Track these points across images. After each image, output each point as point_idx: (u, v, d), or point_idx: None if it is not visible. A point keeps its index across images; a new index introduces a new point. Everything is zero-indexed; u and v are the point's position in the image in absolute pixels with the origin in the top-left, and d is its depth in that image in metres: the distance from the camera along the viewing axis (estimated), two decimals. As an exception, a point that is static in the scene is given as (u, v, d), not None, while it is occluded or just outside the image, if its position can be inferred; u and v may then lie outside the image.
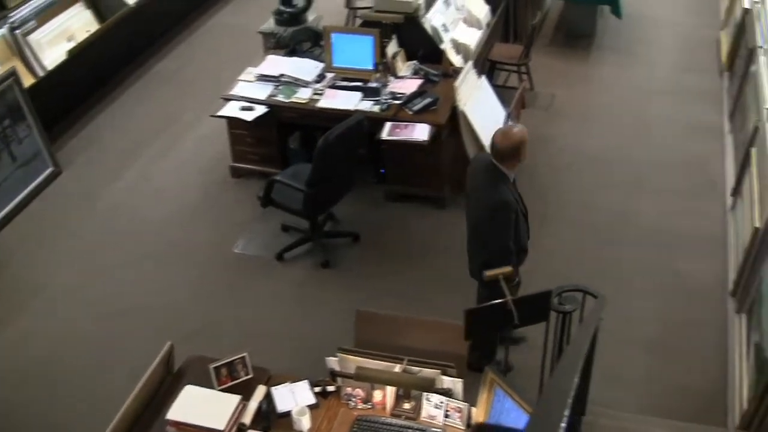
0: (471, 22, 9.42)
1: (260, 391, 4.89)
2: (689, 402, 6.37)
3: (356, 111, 7.61)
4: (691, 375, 6.54)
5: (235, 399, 4.82)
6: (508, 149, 5.57)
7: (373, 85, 8.09)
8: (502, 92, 8.74)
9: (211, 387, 4.93)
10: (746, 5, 9.75)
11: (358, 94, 7.98)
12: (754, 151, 7.51)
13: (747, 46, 9.21)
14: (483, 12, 9.63)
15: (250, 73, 8.43)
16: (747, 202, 7.30)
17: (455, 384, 4.81)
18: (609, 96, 10.43)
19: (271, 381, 5.02)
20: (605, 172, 8.93)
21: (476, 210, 5.86)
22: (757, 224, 6.60)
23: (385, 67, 8.19)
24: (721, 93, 10.39)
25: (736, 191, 8.05)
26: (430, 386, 4.76)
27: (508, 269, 5.34)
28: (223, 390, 4.93)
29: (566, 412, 2.21)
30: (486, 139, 7.90)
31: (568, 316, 5.21)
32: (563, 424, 2.10)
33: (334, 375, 4.99)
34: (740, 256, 7.07)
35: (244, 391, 4.89)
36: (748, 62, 8.95)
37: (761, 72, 7.96)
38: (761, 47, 8.31)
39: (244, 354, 5.04)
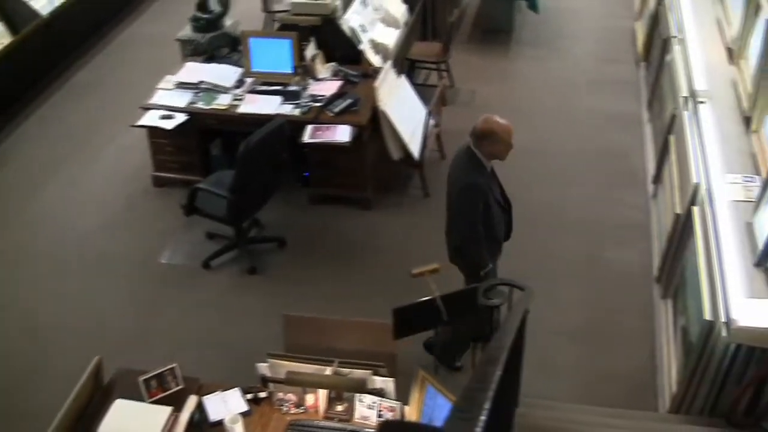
0: (389, 21, 9.43)
1: (191, 402, 4.83)
2: (620, 388, 6.44)
3: (277, 115, 7.56)
4: (620, 361, 6.62)
5: (166, 411, 4.77)
6: (481, 131, 5.71)
7: (293, 88, 8.06)
8: (422, 90, 8.76)
9: (141, 400, 4.86)
10: (661, -4, 9.90)
11: (278, 98, 7.94)
12: (672, 138, 7.62)
13: (661, 36, 9.34)
14: (401, 11, 9.65)
15: (169, 81, 8.35)
16: (667, 189, 7.41)
17: (387, 383, 4.81)
18: (529, 90, 10.52)
19: (202, 390, 4.97)
20: (529, 165, 8.98)
21: (450, 194, 6.03)
22: (678, 210, 6.70)
23: (304, 70, 8.17)
24: (639, 83, 10.55)
25: (657, 179, 8.17)
26: (362, 387, 4.76)
27: (434, 266, 5.35)
28: (153, 402, 4.87)
29: (487, 405, 2.21)
30: (408, 138, 7.93)
31: (496, 310, 5.24)
32: (483, 417, 2.10)
33: (265, 381, 4.96)
34: (663, 242, 7.17)
35: (176, 402, 4.83)
36: (663, 52, 9.08)
37: (676, 61, 8.08)
38: (675, 37, 8.44)
39: (174, 365, 4.98)
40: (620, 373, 6.57)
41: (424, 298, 5.22)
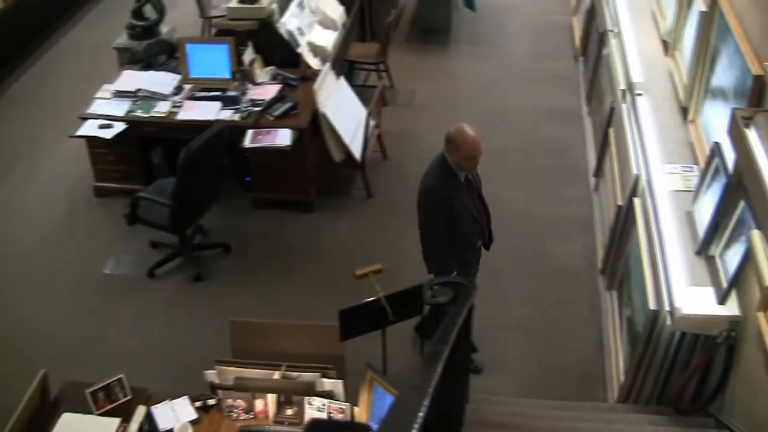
0: (326, 23, 9.43)
1: (140, 412, 4.81)
2: (569, 380, 6.50)
3: (216, 121, 7.53)
4: (568, 354, 6.68)
5: (114, 422, 4.74)
6: (450, 136, 5.66)
7: (232, 93, 8.03)
8: (362, 92, 8.77)
9: (89, 412, 4.83)
10: (595, -10, 10.01)
11: (218, 104, 7.90)
12: (611, 131, 7.70)
13: (598, 30, 9.45)
14: (338, 13, 9.65)
15: (107, 90, 8.26)
16: (608, 181, 7.49)
17: (336, 385, 4.82)
18: (469, 88, 10.57)
19: (150, 400, 4.94)
20: (470, 162, 9.04)
21: None
22: (620, 202, 6.78)
23: (242, 75, 8.14)
24: (577, 77, 10.65)
25: (598, 172, 8.25)
26: (311, 390, 4.75)
27: (378, 267, 5.36)
28: (102, 414, 4.84)
29: (426, 401, 2.23)
30: (349, 140, 7.93)
31: (442, 308, 5.26)
32: (421, 414, 2.11)
33: (213, 388, 4.94)
34: (606, 234, 7.25)
35: (124, 414, 4.81)
36: (600, 46, 9.18)
37: (613, 55, 8.17)
38: (611, 31, 8.53)
39: (121, 375, 4.95)
40: (568, 365, 6.62)
41: (369, 299, 5.23)
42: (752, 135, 4.32)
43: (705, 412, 5.62)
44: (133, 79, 8.29)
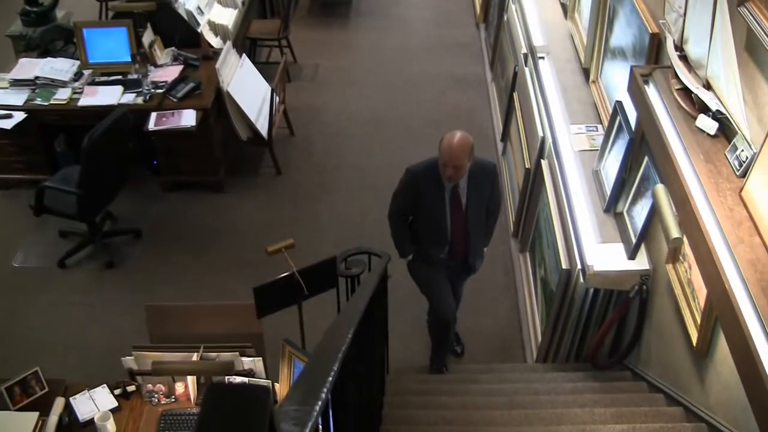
0: (226, 1, 9.34)
1: (59, 404, 4.73)
2: (489, 344, 6.59)
3: (119, 105, 7.43)
4: (486, 319, 6.76)
5: (33, 417, 4.66)
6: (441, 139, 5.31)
7: (133, 76, 7.90)
8: (265, 69, 8.74)
9: (6, 408, 4.73)
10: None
11: (119, 88, 7.76)
12: (516, 95, 7.79)
13: (497, -4, 9.52)
14: (237, -10, 9.57)
15: (3, 79, 8.05)
16: (516, 145, 7.58)
17: (255, 363, 4.80)
18: (373, 59, 10.58)
19: (68, 391, 4.86)
20: (378, 133, 9.08)
21: None
22: (528, 165, 6.86)
23: (143, 57, 8.01)
24: (480, 44, 10.74)
25: (505, 136, 8.34)
26: (230, 369, 4.73)
27: (290, 241, 5.35)
28: (19, 409, 4.74)
29: (336, 366, 2.23)
30: (255, 118, 7.88)
31: (356, 279, 5.28)
32: (330, 379, 2.12)
33: (132, 374, 4.89)
34: (516, 198, 7.33)
35: (42, 407, 4.72)
36: (500, 12, 9.25)
37: (514, 19, 8.24)
38: (511, -5, 8.61)
39: (36, 368, 4.85)
40: (487, 329, 6.70)
41: (283, 274, 5.23)
42: (651, 91, 4.40)
43: (622, 366, 5.75)
44: (30, 66, 8.10)
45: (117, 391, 4.83)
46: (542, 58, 7.06)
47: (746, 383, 3.16)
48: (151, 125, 7.46)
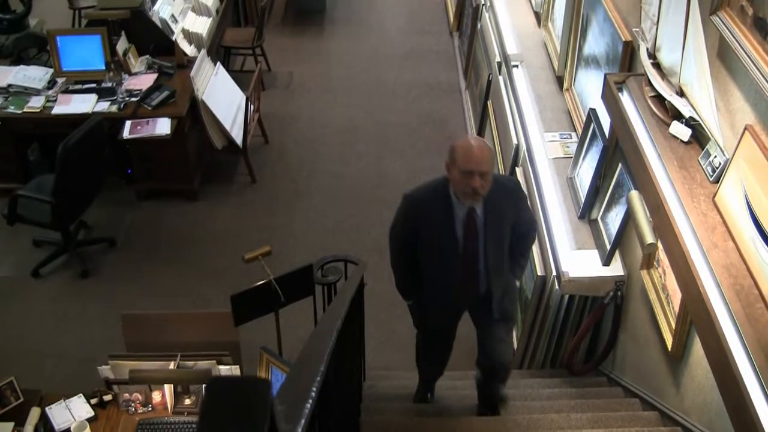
0: (200, 10, 9.34)
1: (34, 414, 4.71)
2: (463, 351, 6.50)
3: (93, 113, 7.40)
4: (461, 324, 6.69)
5: (8, 427, 4.64)
6: (451, 146, 4.35)
7: (108, 84, 7.88)
8: (239, 77, 8.75)
9: (-21, 419, 4.72)
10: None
11: (93, 96, 7.74)
12: (490, 103, 7.83)
13: (472, 4, 9.56)
14: (211, -2, 9.58)
15: (-25, 87, 8.03)
16: (489, 152, 7.60)
17: (232, 371, 4.80)
18: (347, 67, 10.60)
19: (44, 401, 4.84)
20: (353, 140, 9.10)
21: None
22: (502, 172, 6.89)
23: (117, 65, 7.99)
24: (454, 52, 10.78)
25: (479, 144, 8.35)
26: (207, 377, 4.72)
27: (266, 249, 5.35)
28: (-7, 420, 4.73)
29: (323, 367, 2.24)
30: (229, 126, 7.88)
31: (333, 287, 5.29)
32: (319, 378, 2.13)
33: (109, 383, 4.87)
34: (490, 204, 7.35)
35: (17, 417, 4.70)
36: (474, 20, 9.29)
37: (487, 28, 8.29)
38: (484, 4, 8.65)
39: (11, 378, 4.83)
40: (462, 336, 6.68)
41: (260, 282, 5.23)
42: (625, 98, 4.44)
43: (597, 372, 5.79)
44: (2, 74, 8.05)
45: (93, 401, 4.82)
46: (516, 66, 7.10)
47: (721, 385, 3.19)
48: (126, 133, 7.44)
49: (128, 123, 7.51)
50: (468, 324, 6.74)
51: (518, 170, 6.38)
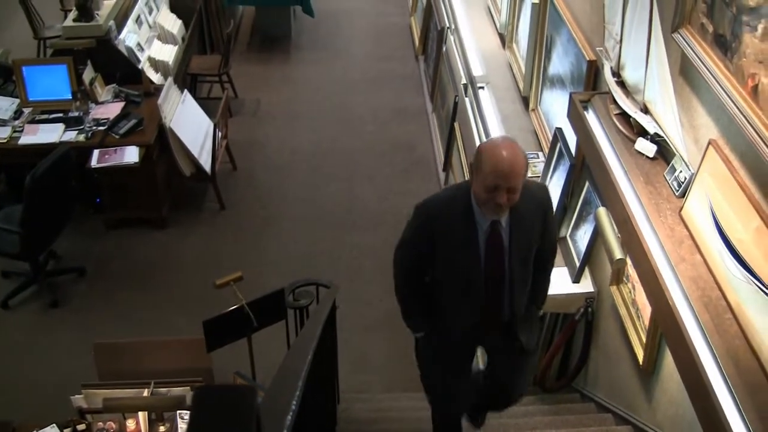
0: (165, 38, 9.35)
1: (6, 445, 4.69)
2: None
3: (61, 143, 7.38)
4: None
5: (-20, 459, 4.62)
6: (478, 149, 3.83)
7: (75, 114, 7.86)
8: (207, 104, 8.73)
9: (-48, 451, 4.68)
10: (430, -11, 10.22)
11: (61, 126, 7.71)
12: (456, 125, 7.88)
13: (436, 28, 9.63)
14: (176, 27, 9.59)
15: (-59, 119, 7.99)
16: (458, 174, 7.66)
17: (206, 397, 4.78)
18: (313, 93, 10.64)
19: (16, 433, 4.82)
20: (322, 165, 9.13)
21: None
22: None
23: (83, 95, 7.98)
24: (420, 76, 10.85)
25: (447, 166, 8.41)
26: (181, 404, 4.72)
27: (237, 274, 5.35)
28: (-35, 452, 4.70)
29: (299, 389, 2.26)
30: (197, 153, 7.88)
31: (305, 311, 5.30)
32: (291, 413, 2.14)
33: (82, 413, 4.85)
34: (459, 226, 7.39)
35: (-11, 449, 4.68)
36: (439, 43, 9.36)
37: (453, 51, 8.35)
38: (449, 28, 8.72)
39: (-18, 411, 4.81)
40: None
41: (232, 307, 5.23)
42: (590, 116, 4.49)
43: (570, 388, 5.81)
44: (-32, 106, 8.04)
45: (67, 431, 4.79)
46: (482, 87, 7.15)
47: (693, 397, 3.23)
48: (94, 162, 7.43)
49: (96, 152, 7.50)
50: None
51: (487, 191, 6.42)
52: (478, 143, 6.74)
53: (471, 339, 4.31)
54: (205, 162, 8.04)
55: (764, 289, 3.01)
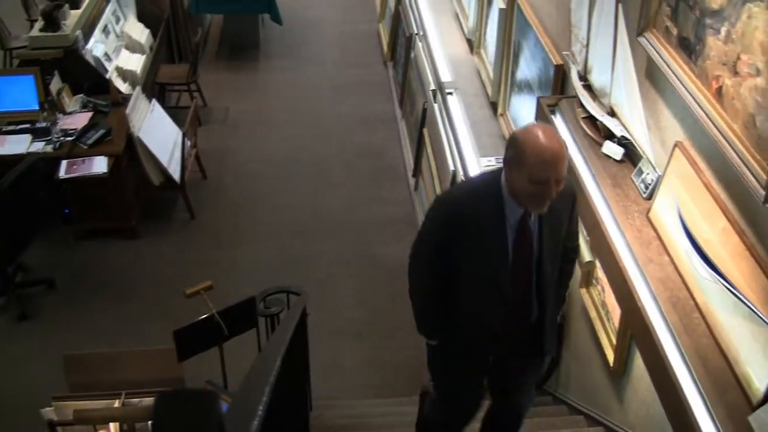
0: (133, 47, 9.32)
1: (-24, 459, 4.64)
2: (407, 376, 6.61)
3: (28, 154, 7.32)
4: (403, 351, 6.78)
5: (-51, 473, 4.57)
6: (514, 138, 3.39)
7: (42, 125, 7.80)
8: (175, 113, 8.71)
9: None
10: (397, -4, 10.26)
11: (28, 137, 7.65)
12: (426, 131, 7.89)
13: (404, 34, 9.65)
14: (144, 36, 9.56)
15: None
16: (428, 180, 7.67)
17: (178, 407, 4.76)
18: (283, 100, 10.63)
19: (-15, 447, 4.78)
20: (292, 173, 9.12)
21: None
22: (441, 198, 6.94)
23: (51, 105, 7.93)
24: (389, 82, 10.86)
25: (416, 172, 8.42)
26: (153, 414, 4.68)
27: (207, 283, 5.33)
28: (-66, 467, 4.65)
29: (266, 395, 2.25)
30: (166, 162, 7.85)
31: (275, 318, 5.29)
32: (257, 419, 2.13)
33: (52, 425, 4.81)
34: (430, 231, 7.40)
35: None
36: (407, 50, 9.37)
37: (421, 57, 8.36)
38: (417, 34, 8.74)
39: (-49, 427, 4.76)
40: (405, 362, 6.73)
41: (203, 316, 5.21)
42: (558, 121, 4.51)
43: (542, 391, 5.83)
44: (-66, 118, 7.97)
45: (37, 443, 4.76)
46: (450, 93, 7.17)
47: (662, 397, 3.25)
48: (62, 173, 7.38)
49: (64, 163, 7.45)
50: (415, 350, 6.76)
51: (456, 196, 6.43)
52: (447, 149, 6.75)
53: (492, 346, 3.94)
54: (175, 171, 8.01)
55: (731, 288, 3.03)
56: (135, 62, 9.10)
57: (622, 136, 4.06)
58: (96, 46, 8.55)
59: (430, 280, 3.84)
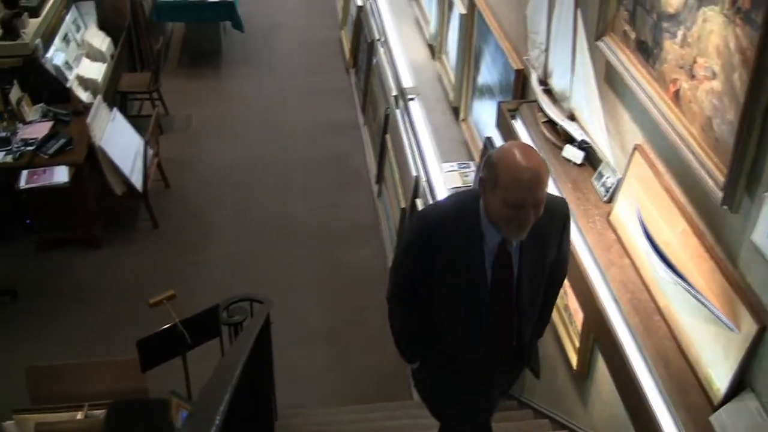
0: (94, 56, 9.26)
1: (-63, 475, 4.60)
2: (374, 382, 6.62)
3: (-12, 164, 7.28)
4: (371, 357, 6.79)
5: None
6: (490, 160, 3.10)
7: (2, 134, 7.73)
8: (137, 122, 8.65)
9: None
10: (359, 3, 10.25)
11: (-12, 147, 7.61)
12: (388, 137, 7.90)
13: (366, 41, 9.66)
14: (105, 44, 9.49)
15: None
16: (391, 186, 7.67)
17: (142, 417, 4.74)
18: (246, 107, 10.60)
19: (-54, 462, 4.73)
20: (255, 180, 9.09)
21: None
22: (403, 205, 6.96)
23: (11, 115, 7.86)
24: (351, 89, 10.87)
25: (380, 178, 8.43)
26: (116, 425, 4.67)
27: (170, 293, 5.31)
28: None
29: (224, 403, 2.24)
30: (128, 171, 7.81)
31: (239, 327, 5.26)
32: (215, 427, 2.12)
33: (14, 439, 4.78)
34: (394, 237, 7.41)
35: None
36: (369, 56, 9.38)
37: (383, 63, 8.38)
38: (379, 40, 8.75)
39: None
40: (372, 368, 6.73)
41: (166, 326, 5.19)
42: (518, 125, 4.54)
43: (507, 396, 5.83)
44: None
45: (-2, 458, 4.72)
46: (412, 99, 7.18)
47: (624, 399, 3.27)
48: (23, 183, 7.32)
49: (25, 173, 7.39)
50: (379, 356, 6.77)
51: (418, 201, 6.44)
52: (409, 154, 6.75)
53: (475, 368, 3.71)
54: (137, 180, 7.96)
55: (691, 290, 3.05)
56: (96, 71, 9.04)
57: (582, 140, 4.08)
58: (56, 55, 8.49)
59: (408, 299, 3.67)
